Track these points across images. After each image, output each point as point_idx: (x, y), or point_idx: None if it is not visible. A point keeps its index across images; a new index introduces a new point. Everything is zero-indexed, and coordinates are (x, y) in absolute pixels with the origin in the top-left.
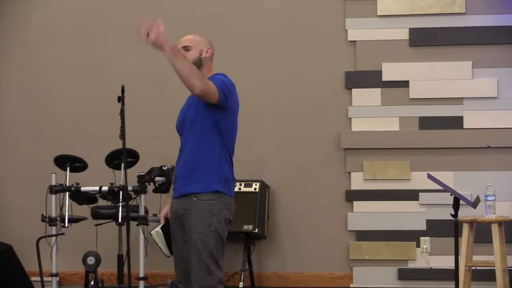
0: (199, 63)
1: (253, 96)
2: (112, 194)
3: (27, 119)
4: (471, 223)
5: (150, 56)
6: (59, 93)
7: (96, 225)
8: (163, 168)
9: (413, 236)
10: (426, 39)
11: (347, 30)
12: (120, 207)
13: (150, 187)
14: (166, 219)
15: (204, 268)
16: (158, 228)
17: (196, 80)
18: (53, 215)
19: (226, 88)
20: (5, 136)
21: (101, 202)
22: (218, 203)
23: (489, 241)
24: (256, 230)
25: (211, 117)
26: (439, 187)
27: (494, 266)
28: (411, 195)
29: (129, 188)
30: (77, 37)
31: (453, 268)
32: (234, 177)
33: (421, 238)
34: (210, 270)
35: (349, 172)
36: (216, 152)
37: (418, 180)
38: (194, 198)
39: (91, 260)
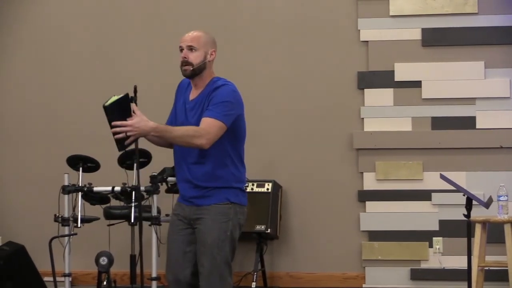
0: (202, 67)
1: (265, 96)
2: (124, 194)
3: (40, 120)
4: (484, 223)
5: (163, 56)
6: (72, 94)
7: (108, 225)
8: None
9: (425, 236)
10: (439, 39)
11: (359, 30)
12: (133, 207)
13: (163, 187)
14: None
15: (218, 274)
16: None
17: (197, 140)
18: (66, 215)
19: (229, 111)
20: (18, 137)
21: (114, 202)
22: (234, 208)
23: (502, 241)
24: (269, 230)
25: None
26: (452, 187)
27: (507, 266)
28: (424, 195)
29: (142, 188)
30: (90, 37)
31: (466, 268)
32: (246, 181)
33: (434, 238)
34: (223, 277)
35: (362, 172)
36: (231, 158)
37: (431, 180)
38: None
39: (103, 260)
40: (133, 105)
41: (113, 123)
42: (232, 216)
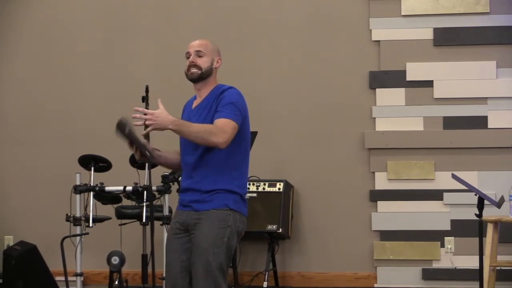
0: (209, 72)
1: (277, 96)
2: (136, 194)
3: (51, 120)
4: (496, 223)
5: (175, 55)
6: (83, 93)
7: (120, 224)
8: None
9: (437, 236)
10: (450, 39)
11: (371, 30)
12: (144, 207)
13: (174, 187)
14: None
15: (212, 281)
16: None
17: (214, 137)
18: (78, 215)
19: (240, 112)
20: (30, 137)
21: (125, 202)
22: (233, 215)
23: None
24: (280, 230)
25: None
26: (464, 187)
27: None
28: (435, 195)
29: (153, 188)
30: (101, 36)
31: (478, 268)
32: (247, 188)
33: (446, 238)
34: (217, 283)
35: (373, 172)
36: (235, 162)
37: (443, 180)
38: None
39: (115, 260)
40: (159, 100)
41: (135, 108)
42: (231, 222)
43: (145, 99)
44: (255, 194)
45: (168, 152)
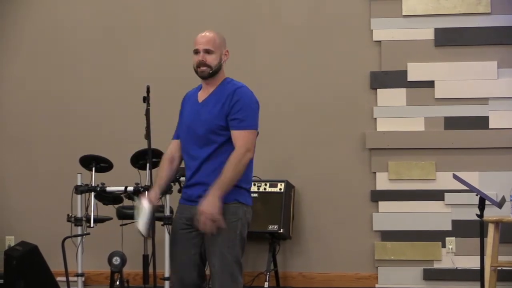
0: (218, 69)
1: (278, 96)
2: (137, 194)
3: (52, 120)
4: (497, 223)
5: (176, 56)
6: (84, 93)
7: (121, 225)
8: None
9: (438, 236)
10: (451, 39)
11: (372, 30)
12: None
13: (175, 187)
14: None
15: (228, 274)
16: (147, 205)
17: (245, 159)
18: (79, 215)
19: (256, 114)
20: (30, 136)
21: (127, 202)
22: (242, 207)
23: None
24: (281, 230)
25: None
26: (465, 187)
27: None
28: (437, 195)
29: None
30: (102, 36)
31: (479, 268)
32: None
33: (447, 238)
34: (234, 276)
35: (374, 172)
36: None
37: (444, 180)
38: None
39: (116, 260)
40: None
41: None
42: (241, 215)
43: (146, 99)
44: (256, 195)
45: (165, 170)
